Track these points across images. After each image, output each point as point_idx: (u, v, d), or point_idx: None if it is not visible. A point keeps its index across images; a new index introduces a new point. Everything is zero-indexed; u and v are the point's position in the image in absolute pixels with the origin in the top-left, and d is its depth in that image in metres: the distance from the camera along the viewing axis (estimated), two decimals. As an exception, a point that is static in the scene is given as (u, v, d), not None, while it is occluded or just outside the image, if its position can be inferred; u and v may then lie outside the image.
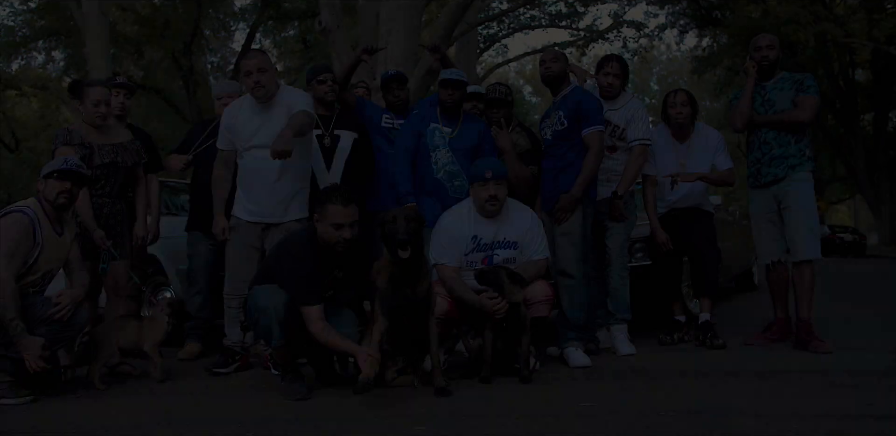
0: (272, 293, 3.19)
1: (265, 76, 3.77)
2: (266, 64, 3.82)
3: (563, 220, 3.95)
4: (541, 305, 3.65)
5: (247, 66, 3.81)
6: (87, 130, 3.90)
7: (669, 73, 39.19)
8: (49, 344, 3.25)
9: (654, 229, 4.45)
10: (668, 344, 4.46)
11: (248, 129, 3.86)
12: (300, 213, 3.91)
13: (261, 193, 3.86)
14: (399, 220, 3.14)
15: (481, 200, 3.64)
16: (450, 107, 4.19)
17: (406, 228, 3.12)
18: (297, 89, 3.97)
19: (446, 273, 3.63)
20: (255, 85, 3.77)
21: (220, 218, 3.96)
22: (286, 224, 3.86)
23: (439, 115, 4.22)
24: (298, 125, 3.55)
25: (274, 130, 3.70)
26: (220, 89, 4.66)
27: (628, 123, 4.25)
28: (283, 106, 3.81)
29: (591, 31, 21.42)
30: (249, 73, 3.78)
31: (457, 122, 4.23)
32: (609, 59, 4.36)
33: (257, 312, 3.20)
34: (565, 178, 4.00)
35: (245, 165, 3.92)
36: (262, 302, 3.19)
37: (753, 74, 4.25)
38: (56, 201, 3.41)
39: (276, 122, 3.73)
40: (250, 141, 3.85)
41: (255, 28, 21.40)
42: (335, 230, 3.18)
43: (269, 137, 3.67)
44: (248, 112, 3.89)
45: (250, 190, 3.89)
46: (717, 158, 4.50)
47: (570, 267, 3.93)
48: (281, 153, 3.39)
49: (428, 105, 4.32)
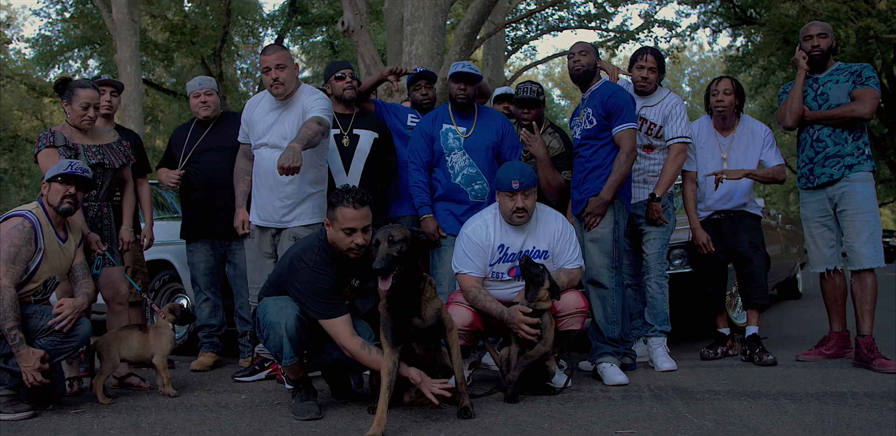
0: (283, 307, 2.95)
1: (284, 73, 3.64)
2: (286, 60, 3.67)
3: (592, 225, 3.68)
4: (573, 318, 3.38)
5: (265, 61, 3.67)
6: (71, 130, 3.71)
7: (702, 74, 38.55)
8: (49, 356, 3.06)
9: (693, 229, 4.14)
10: (712, 359, 4.13)
11: (261, 125, 3.75)
12: (311, 218, 3.72)
13: (267, 194, 3.72)
14: (382, 243, 2.78)
15: (508, 210, 3.36)
16: (462, 104, 3.94)
17: (386, 253, 2.73)
18: (317, 91, 3.78)
19: (469, 283, 3.37)
20: (274, 82, 3.65)
21: (240, 212, 3.87)
22: (292, 229, 3.69)
23: (451, 113, 3.98)
24: (308, 137, 3.34)
25: (285, 130, 3.60)
26: (192, 87, 4.43)
27: (665, 120, 3.97)
28: (298, 107, 3.67)
29: (622, 31, 21.05)
30: (268, 70, 3.65)
31: (471, 120, 3.99)
32: (643, 51, 4.07)
33: (267, 329, 2.96)
34: (595, 180, 3.73)
35: (256, 164, 3.82)
36: (272, 317, 2.95)
37: (804, 66, 3.91)
38: (60, 206, 3.24)
39: (289, 123, 3.64)
40: (261, 138, 3.74)
41: (283, 34, 21.47)
42: (347, 236, 2.93)
43: (279, 137, 3.57)
44: (265, 107, 3.78)
45: (259, 191, 3.77)
46: (766, 154, 4.16)
47: (602, 276, 3.64)
48: (289, 169, 3.19)
49: (441, 106, 4.12)
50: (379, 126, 4.10)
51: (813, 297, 7.89)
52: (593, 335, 3.71)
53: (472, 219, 3.53)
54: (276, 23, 22.26)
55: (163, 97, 22.72)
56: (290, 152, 3.20)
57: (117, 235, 3.84)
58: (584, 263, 3.59)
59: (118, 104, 4.40)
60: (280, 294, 3.05)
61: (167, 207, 5.96)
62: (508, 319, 3.20)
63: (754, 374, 3.65)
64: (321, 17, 20.32)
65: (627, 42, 20.92)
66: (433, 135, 3.95)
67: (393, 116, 4.31)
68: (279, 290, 3.05)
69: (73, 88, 3.64)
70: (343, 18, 8.45)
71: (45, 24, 22.69)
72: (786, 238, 7.11)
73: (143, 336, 3.54)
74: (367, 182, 3.93)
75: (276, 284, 3.09)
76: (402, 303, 2.88)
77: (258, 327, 3.07)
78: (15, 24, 30.00)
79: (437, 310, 2.94)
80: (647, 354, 4.00)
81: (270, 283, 3.14)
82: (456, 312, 3.29)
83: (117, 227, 3.86)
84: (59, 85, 3.70)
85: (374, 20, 17.44)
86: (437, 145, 3.93)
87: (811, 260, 4.08)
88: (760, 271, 4.08)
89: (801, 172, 4.02)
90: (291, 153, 3.20)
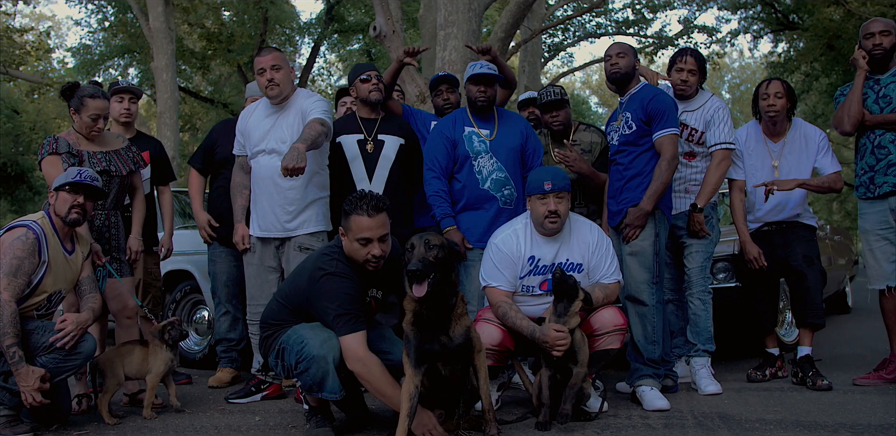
0: (327, 339, 2.71)
1: (280, 74, 3.57)
2: (281, 61, 3.61)
3: (631, 237, 3.43)
4: (612, 336, 3.12)
5: (260, 62, 3.60)
6: (77, 136, 3.58)
7: (742, 80, 37.76)
8: (50, 375, 2.91)
9: (743, 242, 3.85)
10: (760, 381, 3.83)
11: (257, 132, 3.62)
12: (316, 226, 3.57)
13: (268, 202, 3.56)
14: (418, 247, 2.60)
15: (540, 215, 3.13)
16: (482, 106, 3.73)
17: (423, 256, 2.57)
18: (314, 94, 3.72)
19: (498, 298, 3.14)
20: (269, 83, 3.57)
21: (239, 227, 3.70)
22: (298, 238, 3.53)
23: (472, 116, 3.77)
24: (312, 137, 3.24)
25: (283, 135, 3.46)
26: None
27: (707, 125, 3.71)
28: (297, 110, 3.57)
29: (660, 37, 20.69)
30: (263, 71, 3.57)
31: (492, 122, 3.78)
32: (683, 52, 3.82)
33: (308, 362, 2.70)
34: (634, 189, 3.48)
35: (253, 174, 3.67)
36: (315, 350, 2.68)
37: (864, 66, 3.62)
38: (67, 217, 3.10)
39: (287, 127, 3.52)
40: (258, 145, 3.60)
41: (320, 42, 21.54)
42: (363, 246, 2.72)
43: (278, 142, 3.44)
44: (261, 114, 3.68)
45: (258, 201, 3.61)
46: (821, 160, 3.85)
47: (641, 292, 3.39)
48: (293, 170, 3.04)
49: (458, 110, 3.91)
50: (406, 131, 3.91)
51: (863, 311, 7.51)
52: (632, 356, 3.45)
53: (501, 228, 3.31)
54: (313, 31, 22.38)
55: (200, 105, 22.95)
56: (294, 153, 3.06)
57: (126, 244, 3.70)
58: (623, 277, 3.35)
59: (137, 111, 4.29)
60: (292, 311, 2.85)
61: (190, 216, 5.85)
62: (541, 338, 2.95)
63: (808, 400, 3.35)
64: (358, 25, 20.36)
65: (666, 48, 20.57)
66: (455, 139, 3.72)
67: (419, 122, 4.11)
68: (291, 306, 2.85)
69: (82, 97, 3.48)
70: (375, 24, 8.33)
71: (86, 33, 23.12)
72: (834, 249, 6.77)
73: (145, 352, 3.38)
74: (391, 190, 3.72)
75: (289, 299, 2.88)
76: (431, 318, 2.66)
77: (283, 356, 2.81)
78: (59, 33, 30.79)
79: (466, 328, 2.72)
80: (689, 374, 3.73)
81: (282, 299, 2.92)
82: (484, 329, 3.06)
83: (126, 236, 3.72)
84: (67, 91, 3.55)
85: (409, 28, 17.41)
86: (462, 149, 3.71)
87: (870, 276, 3.77)
88: (815, 288, 3.78)
89: (861, 180, 3.71)
90: (296, 153, 3.06)
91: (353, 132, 3.79)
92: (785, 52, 21.84)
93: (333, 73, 25.56)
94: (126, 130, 4.23)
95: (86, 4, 20.32)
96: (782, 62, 21.39)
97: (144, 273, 4.16)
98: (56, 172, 3.33)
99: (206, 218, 4.15)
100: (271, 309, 2.95)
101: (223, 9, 20.02)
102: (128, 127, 4.25)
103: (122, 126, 4.22)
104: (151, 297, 4.22)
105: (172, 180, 4.41)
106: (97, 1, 20.07)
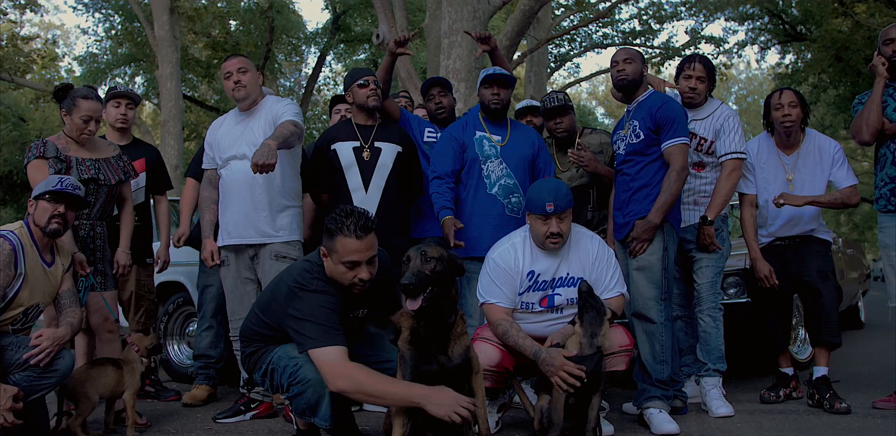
0: None
1: (246, 76, 3.52)
2: (247, 65, 3.57)
3: (638, 251, 3.27)
4: (617, 358, 2.94)
5: (226, 66, 3.56)
6: (67, 141, 3.44)
7: (749, 92, 37.62)
8: (24, 393, 2.75)
9: (754, 260, 3.68)
10: (773, 402, 3.66)
11: (227, 140, 3.53)
12: (290, 234, 3.46)
13: (240, 207, 3.44)
14: (413, 259, 2.44)
15: (540, 235, 2.96)
16: (496, 110, 3.60)
17: (418, 269, 2.40)
18: (284, 99, 3.63)
19: (497, 315, 2.97)
20: (236, 85, 3.50)
21: (208, 242, 3.55)
22: (273, 246, 3.40)
23: (484, 121, 3.63)
24: (284, 136, 3.16)
25: (255, 138, 3.36)
26: None
27: (717, 134, 3.55)
28: (266, 114, 3.49)
29: (667, 48, 20.61)
30: (229, 75, 3.53)
31: (504, 128, 3.65)
32: (691, 59, 3.67)
33: (303, 384, 2.52)
34: (641, 200, 3.32)
35: (223, 182, 3.55)
36: (310, 373, 2.50)
37: (884, 73, 3.46)
38: (47, 227, 2.96)
39: (258, 130, 3.43)
40: (228, 151, 3.50)
41: (326, 51, 21.55)
42: (349, 269, 2.52)
43: (249, 145, 3.33)
44: (230, 123, 3.60)
45: (230, 207, 3.49)
46: (836, 173, 3.67)
47: (649, 309, 3.22)
48: (263, 166, 2.94)
49: (470, 114, 3.79)
50: (403, 139, 3.76)
51: (877, 327, 7.32)
52: (639, 376, 3.29)
53: (499, 242, 3.15)
54: (319, 40, 22.40)
55: (206, 114, 22.94)
56: (265, 149, 2.97)
57: (112, 256, 3.55)
58: (630, 294, 3.18)
59: (134, 117, 4.17)
60: (271, 326, 2.67)
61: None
62: (546, 361, 2.75)
63: (825, 424, 3.17)
64: (364, 35, 20.38)
65: (673, 59, 20.48)
66: (465, 142, 3.59)
67: (415, 129, 3.96)
68: (270, 321, 2.67)
69: (74, 98, 3.36)
70: (378, 31, 8.25)
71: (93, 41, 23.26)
72: (846, 263, 6.58)
73: (118, 371, 3.20)
74: (388, 200, 3.58)
75: (267, 313, 2.69)
76: (429, 336, 2.50)
77: (273, 376, 2.64)
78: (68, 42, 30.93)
79: (466, 348, 2.56)
80: (698, 394, 3.56)
81: (261, 311, 2.73)
82: (481, 349, 2.88)
83: (113, 248, 3.58)
84: (60, 92, 3.43)
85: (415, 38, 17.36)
86: (471, 153, 3.57)
87: (891, 293, 3.59)
88: (831, 304, 3.60)
89: (881, 192, 3.54)
90: (266, 150, 2.96)
91: (349, 139, 3.65)
92: (792, 63, 21.75)
93: (339, 82, 25.58)
94: (122, 136, 4.12)
95: (93, 13, 20.41)
96: (789, 73, 21.28)
97: (137, 285, 4.02)
98: (41, 177, 3.20)
99: (182, 232, 4.01)
100: (250, 322, 2.77)
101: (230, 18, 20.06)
102: (124, 133, 4.14)
103: (119, 132, 4.11)
104: (144, 310, 4.08)
105: (169, 189, 4.28)
106: (104, 10, 20.16)
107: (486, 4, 8.05)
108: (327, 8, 21.49)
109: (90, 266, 3.36)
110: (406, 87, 7.98)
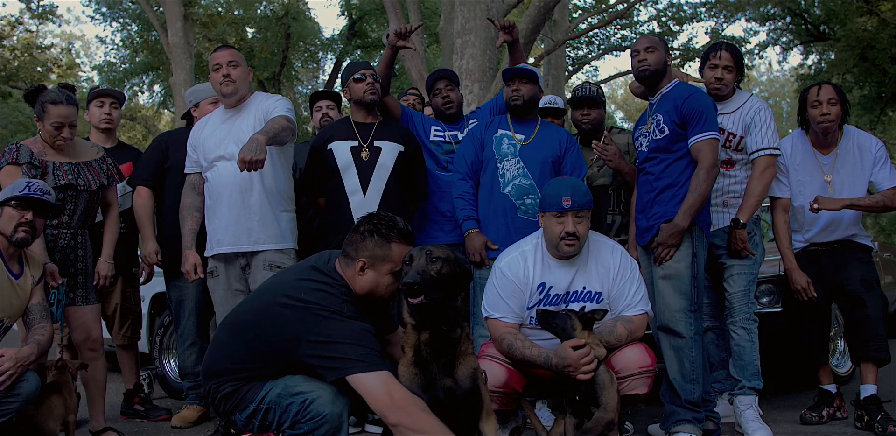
0: (338, 393, 2.19)
1: (237, 71, 3.30)
2: (238, 58, 3.36)
3: (664, 258, 2.98)
4: (638, 380, 2.60)
5: (216, 58, 3.33)
6: (43, 145, 3.23)
7: (771, 94, 37.06)
8: (-17, 418, 2.52)
9: (789, 271, 3.36)
10: (816, 423, 3.33)
11: (212, 140, 3.28)
12: (283, 242, 3.21)
13: (229, 212, 3.19)
14: (417, 259, 2.22)
15: (554, 236, 2.66)
16: (518, 107, 3.34)
17: (423, 269, 2.18)
18: (274, 95, 3.42)
19: (502, 330, 2.68)
20: (224, 79, 3.27)
21: (189, 254, 3.28)
22: (266, 254, 3.15)
23: (510, 120, 3.39)
24: (275, 130, 2.96)
25: (241, 135, 3.10)
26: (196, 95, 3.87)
27: (747, 129, 3.27)
28: (256, 112, 3.27)
29: (687, 49, 20.36)
30: (219, 67, 3.29)
31: (532, 127, 3.40)
32: (717, 47, 3.37)
33: (318, 422, 2.17)
34: (667, 202, 3.04)
35: (209, 185, 3.29)
36: (325, 408, 2.16)
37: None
38: (14, 236, 2.75)
39: (246, 128, 3.19)
40: (215, 151, 3.24)
41: (343, 58, 21.54)
42: (395, 280, 2.28)
43: (236, 143, 3.07)
44: (215, 123, 3.36)
45: (217, 212, 3.23)
46: (877, 173, 3.37)
47: (677, 322, 2.93)
48: (251, 163, 2.73)
49: (490, 110, 3.57)
50: (405, 137, 3.50)
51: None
52: (667, 396, 2.98)
53: (508, 249, 2.86)
54: (336, 47, 22.37)
55: (221, 121, 22.97)
56: (253, 144, 2.76)
57: (94, 267, 3.31)
58: (655, 305, 2.87)
59: (119, 117, 3.94)
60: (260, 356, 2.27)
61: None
62: (559, 363, 2.46)
63: (877, 450, 2.85)
64: (380, 41, 20.29)
65: (693, 60, 20.25)
66: (484, 139, 3.37)
67: (418, 127, 3.70)
68: (261, 351, 2.27)
69: (43, 103, 3.12)
70: (389, 31, 8.05)
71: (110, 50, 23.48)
72: (883, 268, 6.22)
73: (61, 398, 2.92)
74: (388, 204, 3.30)
75: (256, 344, 2.27)
76: (433, 353, 2.23)
77: (268, 416, 2.25)
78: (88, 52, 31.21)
79: (473, 369, 2.28)
80: (731, 413, 3.26)
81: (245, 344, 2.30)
82: (487, 368, 2.56)
83: (96, 258, 3.33)
84: (30, 96, 3.20)
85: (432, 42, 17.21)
86: (488, 151, 3.35)
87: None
88: (877, 316, 3.26)
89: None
90: (254, 145, 2.75)
91: (347, 138, 3.40)
92: (815, 63, 21.34)
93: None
94: (107, 137, 3.91)
95: (110, 22, 20.57)
96: (812, 74, 20.86)
97: (122, 297, 3.78)
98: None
99: (156, 249, 3.63)
100: (223, 357, 2.33)
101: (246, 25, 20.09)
102: (109, 134, 3.93)
103: (103, 133, 3.90)
104: (130, 324, 3.83)
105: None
106: (121, 19, 20.27)
107: (499, 2, 7.86)
108: (343, 14, 21.52)
109: (69, 279, 3.12)
110: (417, 87, 7.79)
